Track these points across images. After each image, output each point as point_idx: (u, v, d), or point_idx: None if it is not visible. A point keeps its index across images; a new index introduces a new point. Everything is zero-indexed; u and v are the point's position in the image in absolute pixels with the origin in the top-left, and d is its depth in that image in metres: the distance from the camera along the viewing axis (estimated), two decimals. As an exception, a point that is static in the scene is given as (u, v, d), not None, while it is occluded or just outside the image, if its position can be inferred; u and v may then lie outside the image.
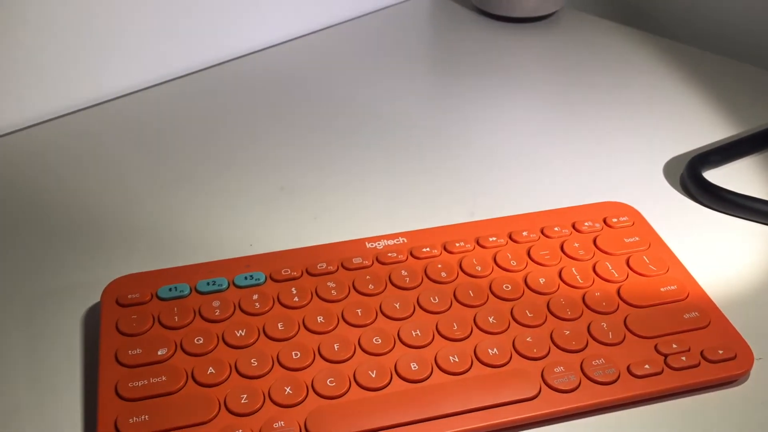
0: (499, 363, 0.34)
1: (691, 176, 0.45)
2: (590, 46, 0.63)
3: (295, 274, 0.38)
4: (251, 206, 0.45)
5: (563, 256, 0.39)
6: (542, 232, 0.40)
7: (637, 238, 0.40)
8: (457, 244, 0.39)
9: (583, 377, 0.33)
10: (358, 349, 0.34)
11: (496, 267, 0.38)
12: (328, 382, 0.33)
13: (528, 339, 0.35)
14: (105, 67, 0.54)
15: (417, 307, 0.36)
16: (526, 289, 0.37)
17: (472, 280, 0.38)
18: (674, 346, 0.34)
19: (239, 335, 0.35)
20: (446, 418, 0.32)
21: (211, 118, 0.53)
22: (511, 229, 0.41)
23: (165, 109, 0.54)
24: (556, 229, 0.41)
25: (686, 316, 0.36)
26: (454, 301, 0.37)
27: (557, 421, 0.33)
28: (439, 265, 0.38)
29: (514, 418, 0.32)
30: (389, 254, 0.39)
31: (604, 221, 0.41)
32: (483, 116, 0.53)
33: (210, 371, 0.33)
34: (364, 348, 0.34)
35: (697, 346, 0.34)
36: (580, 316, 0.36)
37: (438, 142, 0.51)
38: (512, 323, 0.36)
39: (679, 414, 0.33)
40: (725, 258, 0.41)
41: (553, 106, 0.55)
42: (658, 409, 0.33)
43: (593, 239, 0.40)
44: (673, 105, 0.55)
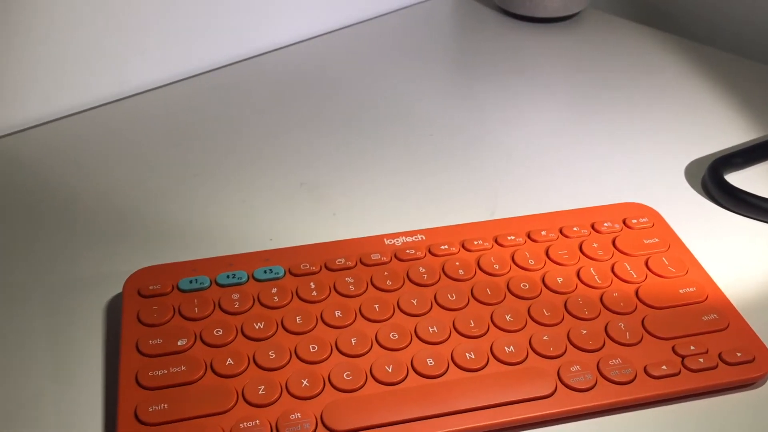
0: (515, 361, 0.34)
1: (712, 179, 0.45)
2: (613, 46, 0.62)
3: (313, 268, 0.38)
4: (271, 202, 0.45)
5: (582, 255, 0.39)
6: (561, 231, 0.40)
7: (656, 240, 0.40)
8: (476, 243, 0.39)
9: (600, 377, 0.33)
10: (375, 343, 0.34)
11: (514, 266, 0.38)
12: (345, 376, 0.33)
13: (545, 338, 0.35)
14: (129, 63, 0.55)
15: (434, 304, 0.36)
16: (543, 288, 0.37)
17: (490, 278, 0.38)
18: (692, 347, 0.34)
19: (258, 328, 0.35)
20: (461, 414, 0.32)
21: (233, 115, 0.54)
22: (529, 228, 0.41)
23: (187, 105, 0.55)
24: (575, 229, 0.40)
25: (705, 318, 0.36)
26: (472, 299, 0.37)
27: (572, 420, 0.33)
28: (457, 263, 0.38)
29: (530, 415, 0.32)
30: (407, 251, 0.39)
31: (624, 222, 0.41)
32: (504, 116, 0.53)
33: (228, 362, 0.33)
34: (381, 343, 0.34)
35: (715, 348, 0.34)
36: (598, 315, 0.36)
37: (459, 141, 0.51)
38: (529, 321, 0.36)
39: (695, 416, 0.33)
40: (746, 261, 0.41)
41: (574, 106, 0.55)
42: (674, 410, 0.33)
43: (612, 240, 0.40)
44: (696, 107, 0.54)
